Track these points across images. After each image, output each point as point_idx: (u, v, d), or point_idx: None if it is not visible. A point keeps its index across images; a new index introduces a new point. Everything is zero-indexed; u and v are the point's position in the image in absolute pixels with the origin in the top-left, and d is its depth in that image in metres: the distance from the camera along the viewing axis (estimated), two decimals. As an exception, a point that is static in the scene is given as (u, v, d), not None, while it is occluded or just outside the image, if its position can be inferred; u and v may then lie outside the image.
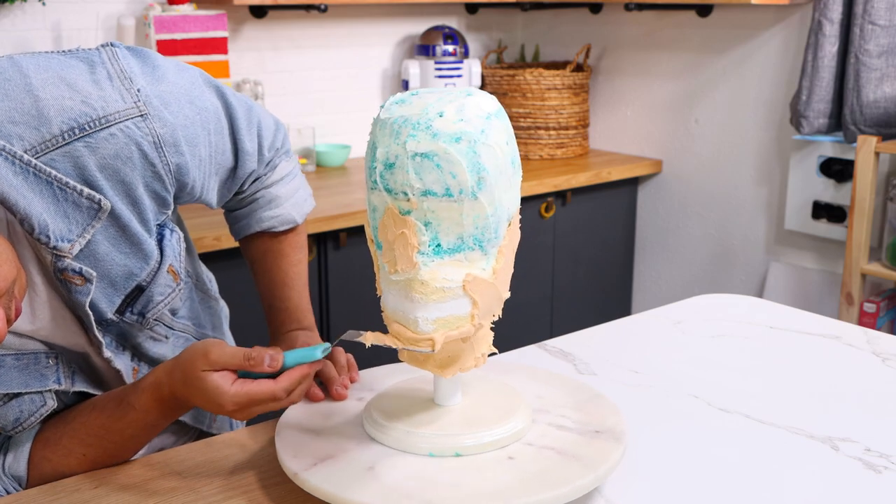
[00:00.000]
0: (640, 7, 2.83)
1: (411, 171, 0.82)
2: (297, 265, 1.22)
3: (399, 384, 1.03)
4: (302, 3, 2.58)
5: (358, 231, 2.32)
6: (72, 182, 0.92)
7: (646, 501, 0.90)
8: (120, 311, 1.02)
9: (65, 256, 0.93)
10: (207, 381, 0.89)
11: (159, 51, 2.37)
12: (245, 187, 1.18)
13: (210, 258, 2.06)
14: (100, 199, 0.93)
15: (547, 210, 2.77)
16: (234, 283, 2.15)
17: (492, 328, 0.96)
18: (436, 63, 2.91)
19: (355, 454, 0.91)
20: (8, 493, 0.97)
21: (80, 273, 0.94)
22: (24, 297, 0.93)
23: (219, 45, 2.41)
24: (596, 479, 0.86)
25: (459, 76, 2.93)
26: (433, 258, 0.85)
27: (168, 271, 1.04)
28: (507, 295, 0.92)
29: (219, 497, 0.91)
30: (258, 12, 2.67)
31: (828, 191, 2.51)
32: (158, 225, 1.03)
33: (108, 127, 0.93)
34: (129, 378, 1.06)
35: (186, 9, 2.41)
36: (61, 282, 0.95)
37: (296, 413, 1.00)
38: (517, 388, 1.02)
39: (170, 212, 1.04)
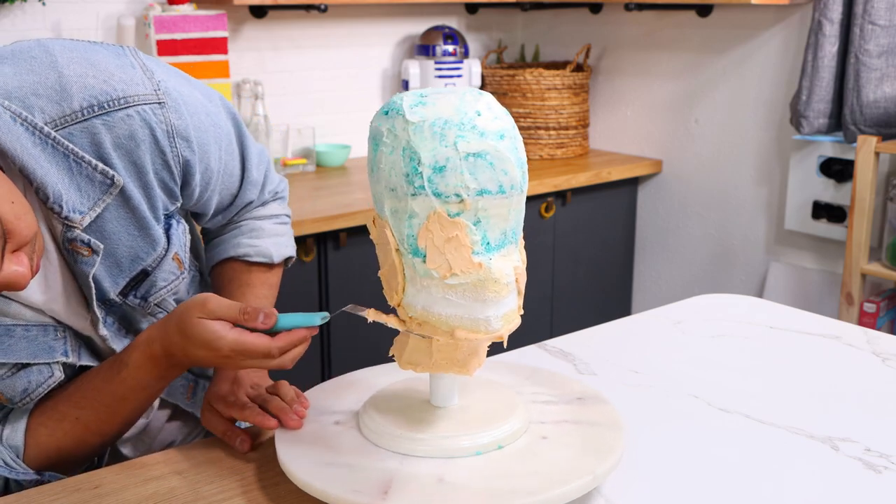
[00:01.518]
0: (640, 7, 2.83)
1: (466, 171, 0.82)
2: (262, 299, 1.17)
3: (392, 389, 1.02)
4: (302, 3, 2.58)
5: (358, 231, 2.32)
6: (87, 156, 0.94)
7: (646, 501, 0.90)
8: (123, 292, 1.03)
9: (75, 227, 0.95)
10: (206, 326, 0.91)
11: (159, 51, 2.37)
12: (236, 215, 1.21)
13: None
14: (113, 175, 0.96)
15: (547, 210, 2.77)
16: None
17: None
18: (436, 63, 2.91)
19: (415, 472, 0.88)
20: (6, 463, 0.98)
21: (87, 244, 0.97)
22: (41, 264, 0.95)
23: (219, 45, 2.41)
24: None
25: (459, 76, 2.93)
26: (489, 255, 0.85)
27: (173, 258, 1.06)
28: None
29: (219, 497, 0.91)
30: (258, 12, 2.67)
31: (828, 191, 2.51)
32: (166, 215, 1.05)
33: (125, 108, 0.96)
34: None
35: (186, 9, 2.41)
36: (69, 252, 0.97)
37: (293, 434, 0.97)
38: (499, 383, 1.03)
39: (178, 204, 1.06)
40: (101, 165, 0.95)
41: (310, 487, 0.86)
